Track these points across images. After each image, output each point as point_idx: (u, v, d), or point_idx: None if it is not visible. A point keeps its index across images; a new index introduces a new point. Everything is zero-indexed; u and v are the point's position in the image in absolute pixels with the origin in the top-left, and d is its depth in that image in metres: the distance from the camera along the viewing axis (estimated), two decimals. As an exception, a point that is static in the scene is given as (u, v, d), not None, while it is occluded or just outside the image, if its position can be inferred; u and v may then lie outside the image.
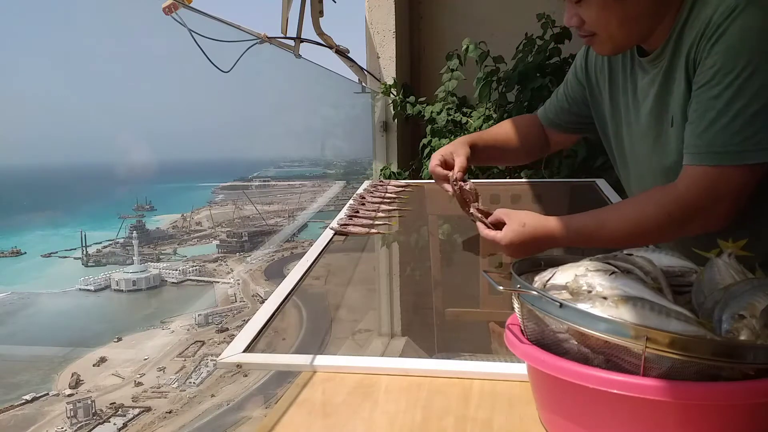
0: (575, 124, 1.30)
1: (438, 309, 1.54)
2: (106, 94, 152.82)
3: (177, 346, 9.29)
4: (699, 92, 0.91)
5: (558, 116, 1.30)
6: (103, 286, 12.17)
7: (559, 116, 1.30)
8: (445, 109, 2.59)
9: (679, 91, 0.97)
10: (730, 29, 0.88)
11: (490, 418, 0.69)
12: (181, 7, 1.58)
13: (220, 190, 18.95)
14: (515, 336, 0.65)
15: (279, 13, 2.10)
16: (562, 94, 1.29)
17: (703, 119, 0.90)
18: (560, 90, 1.31)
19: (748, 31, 0.87)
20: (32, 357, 9.11)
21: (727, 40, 0.88)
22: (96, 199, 21.53)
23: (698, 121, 0.91)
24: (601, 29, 0.99)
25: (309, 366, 0.82)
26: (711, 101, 0.89)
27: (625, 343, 0.53)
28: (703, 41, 0.90)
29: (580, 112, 1.26)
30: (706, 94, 0.90)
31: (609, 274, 0.61)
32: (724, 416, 0.54)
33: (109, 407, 7.56)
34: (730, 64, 0.88)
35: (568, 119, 1.29)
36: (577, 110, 1.26)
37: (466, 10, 2.88)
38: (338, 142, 10.39)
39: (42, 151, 79.15)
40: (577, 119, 1.28)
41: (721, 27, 0.88)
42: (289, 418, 0.71)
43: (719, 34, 0.88)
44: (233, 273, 12.72)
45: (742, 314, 0.56)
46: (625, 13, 0.96)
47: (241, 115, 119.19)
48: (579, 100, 1.25)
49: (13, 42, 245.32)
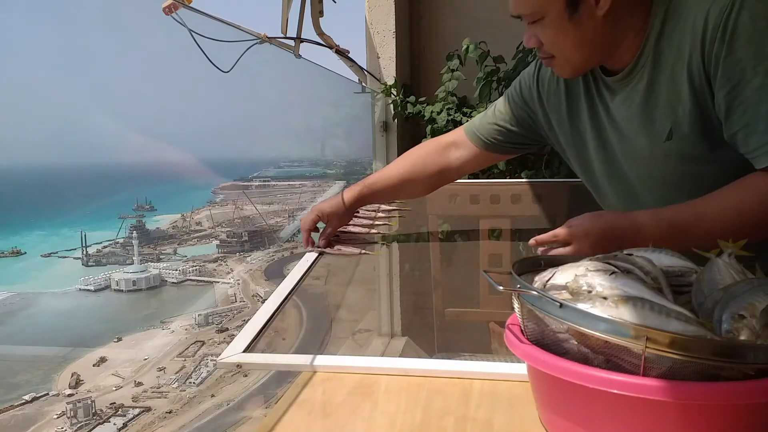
0: (514, 145, 1.26)
1: (438, 309, 1.54)
2: (106, 94, 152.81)
3: (177, 346, 9.29)
4: (736, 92, 0.87)
5: (494, 136, 1.25)
6: (103, 286, 12.17)
7: (496, 136, 1.25)
8: (445, 109, 2.59)
9: (673, 102, 0.94)
10: (740, 22, 0.85)
11: (490, 418, 0.69)
12: (181, 7, 1.58)
13: (220, 190, 18.95)
14: (515, 336, 0.65)
15: (279, 13, 2.10)
16: (505, 113, 1.23)
17: (759, 114, 0.85)
18: (499, 108, 1.25)
19: (758, 17, 0.85)
20: (32, 357, 9.11)
21: (742, 32, 0.85)
22: (96, 199, 21.54)
23: (754, 120, 0.86)
24: (558, 51, 0.98)
25: (309, 366, 0.82)
26: (757, 93, 0.85)
27: (625, 343, 0.53)
28: (711, 44, 0.88)
29: (521, 132, 1.22)
30: (748, 89, 0.86)
31: (609, 274, 0.61)
32: (724, 416, 0.54)
33: (109, 407, 7.56)
34: (760, 53, 0.85)
35: (507, 139, 1.24)
36: (520, 131, 1.22)
37: (466, 10, 2.88)
38: (338, 142, 10.39)
39: (42, 151, 79.19)
40: (517, 139, 1.24)
41: (728, 24, 0.86)
42: (289, 418, 0.71)
43: (731, 30, 0.86)
44: (233, 273, 12.72)
45: (742, 314, 0.56)
46: (582, 36, 0.94)
47: (241, 115, 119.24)
48: (524, 120, 1.21)
49: (13, 42, 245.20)
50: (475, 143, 1.28)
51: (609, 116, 1.05)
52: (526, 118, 1.21)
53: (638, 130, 1.00)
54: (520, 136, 1.24)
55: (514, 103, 1.22)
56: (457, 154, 1.31)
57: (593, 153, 1.10)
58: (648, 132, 0.99)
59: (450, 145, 1.32)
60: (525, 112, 1.21)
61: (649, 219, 0.93)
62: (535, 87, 1.17)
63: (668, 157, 0.98)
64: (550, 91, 1.14)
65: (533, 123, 1.21)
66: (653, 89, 0.96)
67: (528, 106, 1.20)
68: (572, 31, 0.94)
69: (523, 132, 1.23)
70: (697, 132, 0.94)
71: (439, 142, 1.34)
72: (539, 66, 1.17)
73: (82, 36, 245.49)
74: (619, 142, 1.05)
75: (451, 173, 1.34)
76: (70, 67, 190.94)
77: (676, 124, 0.95)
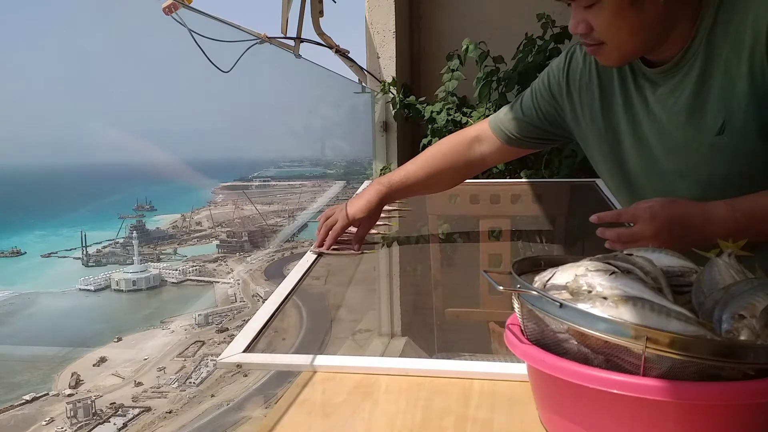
0: (538, 140, 1.24)
1: (438, 309, 1.54)
2: (106, 94, 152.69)
3: (177, 346, 9.30)
4: None
5: (519, 131, 1.23)
6: (103, 286, 12.19)
7: (521, 131, 1.23)
8: (445, 109, 2.60)
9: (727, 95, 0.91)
10: None
11: (490, 418, 0.69)
12: (181, 7, 1.58)
13: (220, 190, 18.98)
14: (515, 336, 0.65)
15: (279, 13, 2.10)
16: (530, 108, 1.21)
17: None
18: (524, 102, 1.23)
19: None
20: (32, 357, 9.12)
21: None
22: (96, 199, 21.54)
23: None
24: (612, 37, 0.92)
25: (309, 366, 0.82)
26: None
27: (625, 343, 0.53)
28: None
29: (547, 128, 1.20)
30: None
31: (609, 274, 0.61)
32: (724, 416, 0.54)
33: (109, 407, 7.57)
34: None
35: (532, 134, 1.22)
36: (545, 126, 1.20)
37: (466, 10, 2.88)
38: (338, 142, 10.43)
39: (42, 151, 79.22)
40: (543, 134, 1.22)
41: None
42: (289, 418, 0.71)
43: None
44: (233, 273, 12.74)
45: (742, 314, 0.56)
46: (640, 21, 0.90)
47: (241, 115, 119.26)
48: (550, 115, 1.18)
49: (13, 42, 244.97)
50: (499, 137, 1.26)
51: (648, 110, 1.01)
52: (552, 113, 1.18)
53: (686, 123, 0.96)
54: (545, 131, 1.21)
55: (541, 97, 1.19)
56: (482, 149, 1.29)
57: (629, 149, 1.06)
58: (697, 125, 0.95)
59: (474, 139, 1.30)
60: (552, 107, 1.17)
61: (723, 210, 0.88)
62: (565, 81, 1.13)
63: (717, 153, 0.94)
64: (582, 86, 1.11)
65: (560, 118, 1.17)
66: (705, 80, 0.93)
67: (555, 101, 1.16)
68: (632, 16, 0.89)
69: (548, 127, 1.20)
70: (751, 128, 0.90)
71: (464, 137, 1.32)
72: (569, 59, 1.14)
73: (82, 36, 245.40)
74: (660, 137, 1.01)
75: (476, 167, 1.33)
76: (70, 66, 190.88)
77: (730, 118, 0.91)
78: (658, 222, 0.88)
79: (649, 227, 0.88)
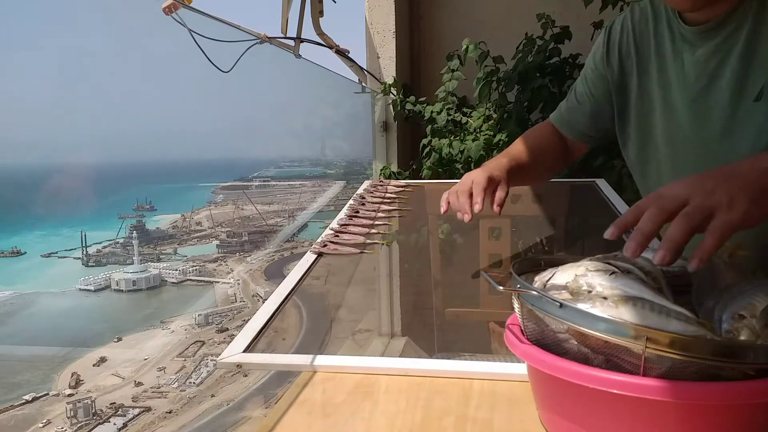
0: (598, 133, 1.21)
1: (438, 309, 1.53)
2: (106, 94, 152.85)
3: (177, 346, 9.30)
4: None
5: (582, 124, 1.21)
6: (103, 286, 12.19)
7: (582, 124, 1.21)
8: (445, 109, 2.60)
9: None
10: None
11: (490, 418, 0.69)
12: (181, 7, 1.58)
13: (220, 190, 18.98)
14: (515, 336, 0.65)
15: (279, 13, 2.10)
16: (583, 93, 1.19)
17: None
18: (578, 90, 1.21)
19: None
20: (32, 357, 9.12)
21: None
22: (96, 199, 21.54)
23: None
24: None
25: (309, 366, 0.82)
26: None
27: (625, 343, 0.53)
28: None
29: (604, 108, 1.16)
30: None
31: (609, 274, 0.61)
32: (724, 416, 0.54)
33: (109, 407, 7.57)
34: None
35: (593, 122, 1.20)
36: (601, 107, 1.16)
37: (466, 10, 2.88)
38: (338, 142, 10.42)
39: (42, 151, 79.23)
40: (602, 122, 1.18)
41: None
42: (289, 418, 0.71)
43: None
44: (233, 273, 12.74)
45: (742, 314, 0.56)
46: None
47: (241, 115, 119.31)
48: (603, 99, 1.16)
49: (12, 42, 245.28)
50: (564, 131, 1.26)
51: (683, 74, 0.98)
52: (603, 89, 1.15)
53: (725, 84, 0.93)
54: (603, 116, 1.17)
55: (591, 77, 1.17)
56: None
57: (658, 117, 1.04)
58: (735, 87, 0.92)
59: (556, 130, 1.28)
60: (602, 82, 1.15)
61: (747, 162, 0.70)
62: (606, 54, 1.12)
63: (750, 119, 0.90)
64: (623, 56, 1.09)
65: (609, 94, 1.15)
66: (752, 40, 0.89)
67: (604, 78, 1.14)
68: None
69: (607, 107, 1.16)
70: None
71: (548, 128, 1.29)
72: (609, 33, 1.12)
73: (81, 36, 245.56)
74: (690, 103, 0.98)
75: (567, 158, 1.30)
76: (69, 66, 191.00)
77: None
78: (674, 188, 0.67)
79: (670, 190, 0.67)
